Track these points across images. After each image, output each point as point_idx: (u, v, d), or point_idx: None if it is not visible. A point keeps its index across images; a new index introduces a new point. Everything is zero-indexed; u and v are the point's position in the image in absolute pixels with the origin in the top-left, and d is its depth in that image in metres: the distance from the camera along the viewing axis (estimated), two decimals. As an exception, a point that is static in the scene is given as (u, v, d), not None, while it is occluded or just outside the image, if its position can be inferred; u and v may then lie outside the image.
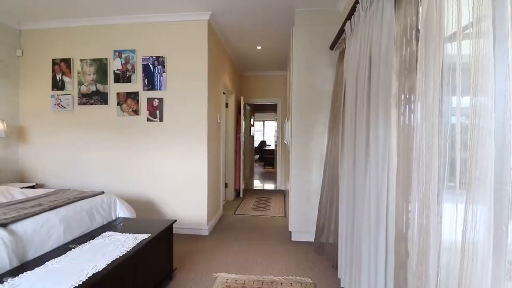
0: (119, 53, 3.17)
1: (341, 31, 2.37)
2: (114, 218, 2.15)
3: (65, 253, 1.51)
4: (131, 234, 1.80)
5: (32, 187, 2.98)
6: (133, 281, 1.58)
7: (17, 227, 1.45)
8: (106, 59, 3.18)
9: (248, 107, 6.31)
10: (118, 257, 1.46)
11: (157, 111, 3.09)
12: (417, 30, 1.26)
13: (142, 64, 3.11)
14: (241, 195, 5.09)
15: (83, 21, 3.19)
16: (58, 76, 3.26)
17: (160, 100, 3.08)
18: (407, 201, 1.24)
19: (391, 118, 1.33)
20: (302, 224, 2.91)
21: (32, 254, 1.46)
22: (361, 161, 1.61)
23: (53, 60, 3.27)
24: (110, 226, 2.00)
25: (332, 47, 2.75)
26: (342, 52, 2.47)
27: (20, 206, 1.71)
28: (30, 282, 1.21)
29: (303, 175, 2.90)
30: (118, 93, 3.15)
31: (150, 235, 1.79)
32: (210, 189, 3.17)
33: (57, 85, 3.25)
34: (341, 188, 2.06)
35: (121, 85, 3.16)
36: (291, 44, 3.05)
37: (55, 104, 3.24)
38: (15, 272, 1.31)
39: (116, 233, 1.82)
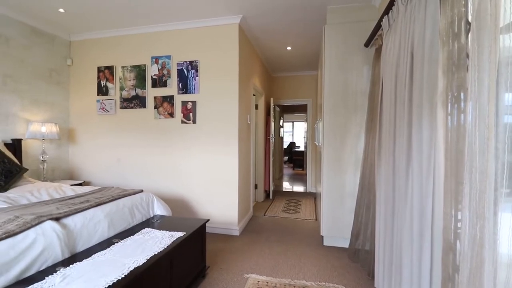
0: (156, 59, 3.34)
1: (377, 27, 2.25)
2: (152, 216, 2.27)
3: (109, 247, 1.63)
4: (167, 231, 1.88)
5: (80, 184, 3.27)
6: (169, 277, 1.65)
7: (69, 221, 1.60)
8: (145, 65, 3.38)
9: (277, 108, 6.28)
10: (156, 253, 1.54)
11: (191, 114, 3.21)
12: (467, 22, 1.15)
13: (177, 69, 3.25)
14: (271, 196, 5.08)
15: (124, 31, 3.42)
16: (103, 83, 3.53)
17: (193, 103, 3.19)
18: (456, 209, 1.13)
19: (437, 119, 1.23)
20: (335, 229, 2.81)
21: (80, 247, 1.60)
22: (402, 165, 1.51)
23: (98, 68, 3.56)
24: (148, 223, 2.11)
25: (367, 44, 2.63)
26: (379, 49, 2.34)
27: (71, 202, 1.88)
28: (79, 273, 1.32)
29: (335, 178, 2.80)
30: (155, 97, 3.33)
31: (185, 233, 1.85)
32: (240, 189, 3.21)
33: (102, 91, 3.54)
34: (378, 193, 1.95)
35: (158, 89, 3.33)
36: (322, 43, 2.97)
37: (100, 108, 3.52)
38: (66, 262, 1.43)
39: (154, 230, 1.92)
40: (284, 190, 5.98)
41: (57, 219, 1.54)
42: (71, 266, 1.38)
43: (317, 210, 4.17)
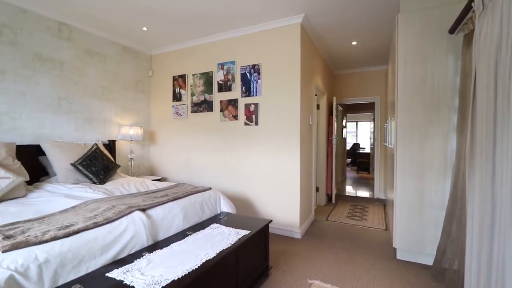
0: (221, 66, 3.56)
1: (467, 9, 1.91)
2: (219, 212, 2.42)
3: (183, 238, 1.79)
4: (233, 228, 1.97)
5: (159, 180, 3.71)
6: (236, 272, 1.72)
7: (152, 212, 1.82)
8: (212, 71, 3.64)
9: (340, 108, 5.97)
10: (224, 248, 1.62)
11: (253, 116, 3.30)
12: None
13: (240, 73, 3.40)
14: (333, 200, 4.84)
15: (194, 42, 3.75)
16: (177, 90, 3.94)
17: (256, 105, 3.28)
18: None
19: None
20: (411, 242, 2.50)
21: (161, 236, 1.80)
22: (508, 172, 1.24)
23: (173, 77, 3.99)
24: (216, 219, 2.25)
25: (452, 31, 2.26)
26: (469, 35, 1.99)
27: (153, 196, 2.14)
28: (161, 259, 1.48)
29: (413, 185, 2.49)
30: (221, 101, 3.54)
31: (250, 231, 1.91)
32: (302, 192, 3.15)
33: (176, 97, 3.95)
34: (469, 205, 1.65)
35: (223, 93, 3.54)
36: (395, 33, 2.68)
37: (174, 113, 3.94)
38: (150, 249, 1.63)
39: (221, 226, 2.03)
40: (347, 194, 5.63)
41: (143, 210, 1.77)
42: (154, 252, 1.57)
43: (387, 219, 3.79)
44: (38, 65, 2.87)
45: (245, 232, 1.90)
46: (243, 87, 3.38)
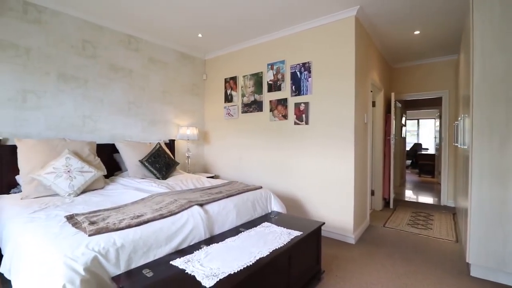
0: (271, 66, 3.58)
1: None
2: (269, 211, 2.44)
3: (237, 234, 1.85)
4: (285, 228, 1.96)
5: (213, 177, 3.91)
6: (288, 273, 1.71)
7: (208, 207, 1.93)
8: (261, 72, 3.69)
9: (398, 104, 5.46)
10: (277, 248, 1.63)
11: (303, 115, 3.24)
12: None
13: (290, 72, 3.36)
14: (391, 205, 4.46)
15: (244, 44, 3.86)
16: (228, 91, 4.10)
17: (306, 104, 3.21)
18: None
19: None
20: (490, 258, 2.15)
21: (216, 230, 1.89)
22: None
23: (225, 79, 4.16)
24: (267, 217, 2.27)
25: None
26: None
27: (209, 192, 2.26)
28: (217, 253, 1.56)
29: (493, 192, 2.13)
30: (270, 101, 3.57)
31: (302, 233, 1.88)
32: (356, 194, 2.97)
33: (228, 98, 4.11)
34: None
35: (273, 93, 3.56)
36: (469, 18, 2.33)
37: (226, 114, 4.10)
38: (207, 242, 1.72)
39: (272, 225, 2.04)
40: (407, 199, 5.13)
41: (201, 205, 1.89)
42: (211, 245, 1.65)
43: (458, 229, 3.34)
44: (112, 74, 3.29)
45: (297, 233, 1.87)
46: (293, 86, 3.34)
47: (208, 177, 3.28)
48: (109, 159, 3.02)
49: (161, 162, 3.03)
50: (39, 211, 1.78)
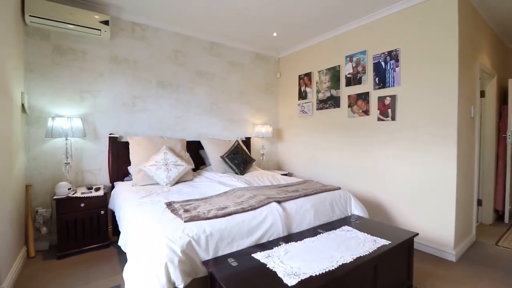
0: (350, 58, 3.33)
1: None
2: (349, 214, 2.28)
3: (315, 235, 1.79)
4: (369, 234, 1.80)
5: (286, 174, 3.92)
6: (374, 284, 1.55)
7: (286, 205, 1.93)
8: (339, 66, 3.47)
9: (520, 94, 4.31)
10: (361, 255, 1.50)
11: (389, 110, 2.90)
12: None
13: (373, 63, 3.06)
14: (506, 219, 3.57)
15: (319, 38, 3.70)
16: (302, 88, 4.03)
17: (392, 97, 2.86)
18: None
19: None
20: None
21: (294, 229, 1.87)
22: None
23: (299, 76, 4.10)
24: (347, 221, 2.12)
25: None
26: None
27: (285, 190, 2.27)
28: (296, 252, 1.54)
29: None
30: (349, 96, 3.33)
31: (390, 242, 1.68)
32: (458, 203, 2.48)
33: (302, 95, 4.04)
34: None
35: (352, 87, 3.31)
36: None
37: (300, 111, 4.05)
38: (285, 239, 1.73)
39: (354, 229, 1.90)
40: (532, 214, 4.00)
41: (279, 202, 1.91)
42: (289, 243, 1.65)
43: None
44: (198, 78, 3.66)
45: (384, 242, 1.68)
46: (376, 78, 3.03)
47: (282, 175, 3.30)
48: (195, 155, 3.37)
49: (239, 158, 3.21)
50: (145, 197, 2.13)
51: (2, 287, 1.79)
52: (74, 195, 2.43)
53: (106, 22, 2.76)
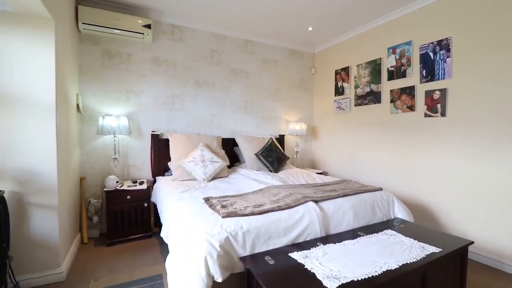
0: (393, 49, 3.11)
1: None
2: (392, 217, 2.13)
3: (355, 238, 1.70)
4: (415, 240, 1.66)
5: (321, 173, 3.81)
6: (422, 295, 1.43)
7: (324, 205, 1.86)
8: (380, 58, 3.26)
9: None
10: (408, 262, 1.39)
11: (438, 105, 2.65)
12: None
13: (420, 54, 2.81)
14: None
15: (358, 30, 3.51)
16: (339, 84, 3.87)
17: (443, 91, 2.61)
18: None
19: None
20: None
21: (332, 230, 1.81)
22: None
23: (335, 71, 3.94)
24: (390, 224, 1.99)
25: None
26: None
27: (322, 189, 2.19)
28: (335, 254, 1.48)
29: None
30: (391, 91, 3.11)
31: (440, 249, 1.53)
32: (523, 210, 2.19)
33: (338, 91, 3.88)
34: None
35: (395, 81, 3.09)
36: None
37: (336, 107, 3.89)
38: (323, 240, 1.67)
39: (398, 234, 1.77)
40: None
41: (316, 201, 1.85)
42: (327, 245, 1.59)
43: None
44: (233, 77, 3.70)
45: (433, 249, 1.54)
46: (423, 71, 2.78)
47: (317, 173, 3.21)
48: (230, 152, 3.43)
49: (273, 156, 3.19)
50: (184, 191, 2.22)
51: (60, 269, 2.00)
52: (121, 188, 2.62)
53: (148, 26, 2.92)
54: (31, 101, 1.86)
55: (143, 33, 2.91)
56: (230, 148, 3.47)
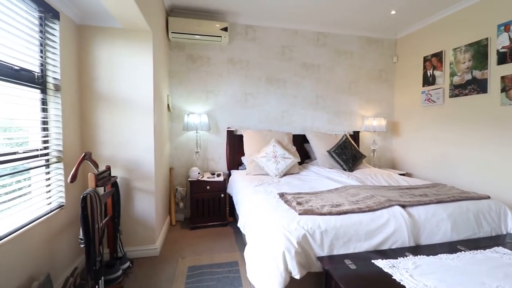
0: (506, 26, 2.51)
1: None
2: (504, 233, 1.75)
3: (454, 252, 1.46)
4: (544, 265, 1.32)
5: (403, 174, 3.40)
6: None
7: (413, 211, 1.66)
8: (487, 38, 2.68)
9: None
10: (536, 291, 1.11)
11: None
12: None
13: (551, 28, 2.19)
14: None
15: (454, 8, 2.96)
16: (429, 72, 3.35)
17: None
18: None
19: None
20: None
21: (423, 240, 1.59)
22: None
23: (424, 58, 3.42)
24: (501, 240, 1.63)
25: None
26: None
27: (409, 193, 1.95)
28: (430, 268, 1.29)
29: None
30: (502, 77, 2.53)
31: None
32: None
33: (428, 81, 3.37)
34: None
35: (508, 66, 2.49)
36: None
37: (425, 100, 3.39)
38: (412, 250, 1.48)
39: (515, 253, 1.44)
40: None
41: (403, 206, 1.66)
42: (418, 256, 1.41)
43: None
44: (304, 72, 3.63)
45: None
46: (556, 49, 2.16)
47: (399, 174, 2.87)
48: (301, 148, 3.38)
49: (348, 153, 3.00)
50: (258, 186, 2.30)
51: (156, 245, 2.34)
52: (202, 179, 2.90)
53: (225, 29, 3.10)
54: (136, 103, 2.21)
55: (220, 36, 3.12)
56: (300, 144, 3.42)
